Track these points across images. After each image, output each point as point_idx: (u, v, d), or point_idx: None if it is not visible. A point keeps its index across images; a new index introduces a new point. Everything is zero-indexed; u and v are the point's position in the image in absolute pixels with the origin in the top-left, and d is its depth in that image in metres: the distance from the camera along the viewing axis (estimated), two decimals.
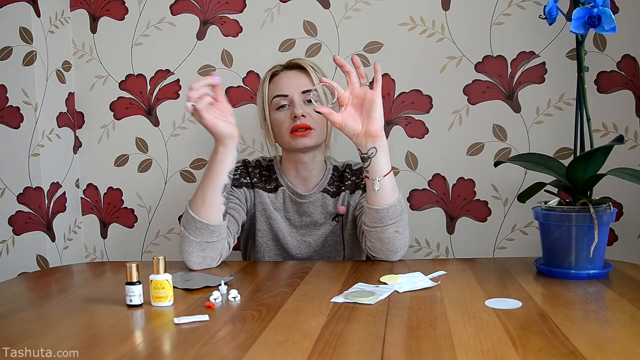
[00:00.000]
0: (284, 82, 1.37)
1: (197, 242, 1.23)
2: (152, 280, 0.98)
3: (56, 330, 0.87)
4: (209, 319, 0.89)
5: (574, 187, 1.13)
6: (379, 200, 1.21)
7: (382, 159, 1.20)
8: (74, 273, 1.34)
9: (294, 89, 1.35)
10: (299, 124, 1.33)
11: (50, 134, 1.67)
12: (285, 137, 1.35)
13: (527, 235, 1.63)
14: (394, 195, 1.22)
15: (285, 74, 1.39)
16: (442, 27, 1.61)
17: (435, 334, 0.79)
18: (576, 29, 1.09)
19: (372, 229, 1.23)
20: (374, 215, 1.22)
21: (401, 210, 1.22)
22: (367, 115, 1.18)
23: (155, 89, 1.75)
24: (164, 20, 1.73)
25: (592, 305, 0.91)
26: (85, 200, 1.82)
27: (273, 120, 1.38)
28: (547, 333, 0.78)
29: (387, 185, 1.20)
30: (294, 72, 1.39)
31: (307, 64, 1.39)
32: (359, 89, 1.18)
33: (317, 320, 0.86)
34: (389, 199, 1.21)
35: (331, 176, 1.44)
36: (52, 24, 1.69)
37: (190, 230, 1.23)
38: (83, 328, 0.90)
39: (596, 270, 1.09)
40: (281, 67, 1.41)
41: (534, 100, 1.59)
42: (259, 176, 1.44)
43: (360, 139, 1.19)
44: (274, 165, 1.46)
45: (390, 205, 1.21)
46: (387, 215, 1.21)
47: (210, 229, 1.22)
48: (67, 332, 0.87)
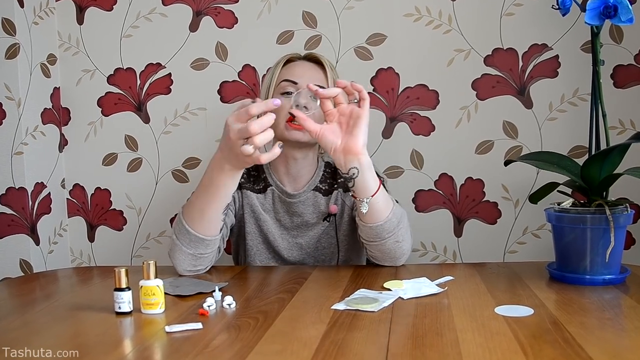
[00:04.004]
0: (298, 71, 1.38)
1: (190, 253, 1.23)
2: (142, 286, 0.98)
3: (40, 339, 0.87)
4: (203, 328, 0.89)
5: (589, 187, 1.13)
6: (372, 218, 1.19)
7: (367, 178, 1.16)
8: (59, 278, 1.35)
9: (306, 79, 1.35)
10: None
11: (35, 132, 1.67)
12: (280, 124, 1.33)
13: (539, 238, 1.63)
14: (387, 209, 1.19)
15: (301, 64, 1.41)
16: (449, 18, 1.61)
17: (442, 343, 0.79)
18: (591, 20, 1.09)
19: (370, 243, 1.24)
20: (368, 232, 1.21)
21: (397, 221, 1.21)
22: (349, 132, 1.15)
23: (146, 83, 1.75)
24: (154, 11, 1.73)
25: (608, 313, 0.91)
26: (72, 202, 1.82)
27: None
28: (561, 342, 0.78)
29: (378, 204, 1.18)
30: (311, 64, 1.41)
31: (326, 62, 1.41)
32: (345, 106, 1.16)
33: (316, 329, 0.86)
34: (382, 215, 1.19)
35: (323, 173, 1.44)
36: (36, 14, 1.69)
37: (184, 242, 1.23)
38: (69, 337, 0.90)
39: (612, 276, 1.09)
40: (299, 56, 1.43)
41: (547, 95, 1.59)
42: (246, 176, 1.44)
43: (338, 155, 1.15)
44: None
45: (385, 221, 1.19)
46: (382, 230, 1.20)
47: (205, 243, 1.23)
48: (52, 340, 0.87)
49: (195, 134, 1.74)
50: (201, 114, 1.74)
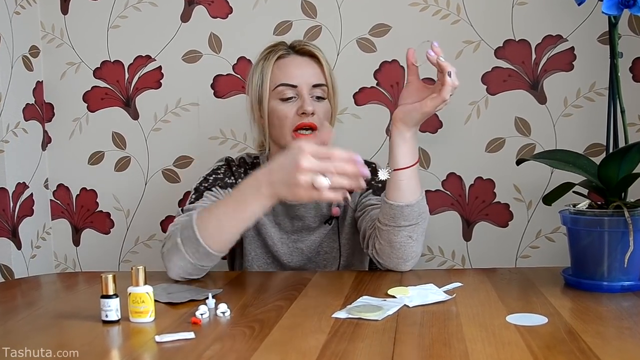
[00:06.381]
0: (294, 71, 1.35)
1: (192, 263, 1.20)
2: (130, 293, 0.98)
3: (23, 350, 0.87)
4: (195, 337, 0.89)
5: (607, 188, 1.13)
6: (393, 194, 1.21)
7: (395, 149, 1.20)
8: (42, 285, 1.34)
9: (304, 80, 1.34)
10: (306, 122, 1.32)
11: (16, 128, 1.67)
12: (287, 135, 1.34)
13: (553, 242, 1.63)
14: (413, 195, 1.21)
15: (294, 60, 1.37)
16: (457, 7, 1.61)
17: (450, 354, 0.79)
18: (609, 10, 1.08)
19: (384, 227, 1.23)
20: (387, 211, 1.22)
21: (419, 213, 1.22)
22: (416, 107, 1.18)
23: (135, 77, 1.75)
24: (144, 0, 1.73)
25: (627, 322, 0.91)
26: (55, 203, 1.82)
27: (273, 110, 1.35)
28: (577, 353, 0.78)
29: (401, 182, 1.20)
30: (305, 59, 1.38)
31: (320, 54, 1.38)
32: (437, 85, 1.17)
33: (316, 339, 0.86)
34: (406, 197, 1.21)
35: None
36: (17, 4, 1.69)
37: (189, 249, 1.19)
38: (53, 347, 0.90)
39: (631, 282, 1.09)
40: (287, 50, 1.39)
41: (562, 90, 1.60)
42: (243, 176, 1.43)
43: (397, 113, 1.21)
44: (261, 163, 1.46)
45: (407, 205, 1.20)
46: (401, 214, 1.21)
47: (211, 257, 1.20)
48: (35, 351, 0.87)
49: (187, 131, 1.74)
50: (193, 109, 1.74)
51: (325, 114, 1.36)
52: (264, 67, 1.36)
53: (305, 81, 1.34)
